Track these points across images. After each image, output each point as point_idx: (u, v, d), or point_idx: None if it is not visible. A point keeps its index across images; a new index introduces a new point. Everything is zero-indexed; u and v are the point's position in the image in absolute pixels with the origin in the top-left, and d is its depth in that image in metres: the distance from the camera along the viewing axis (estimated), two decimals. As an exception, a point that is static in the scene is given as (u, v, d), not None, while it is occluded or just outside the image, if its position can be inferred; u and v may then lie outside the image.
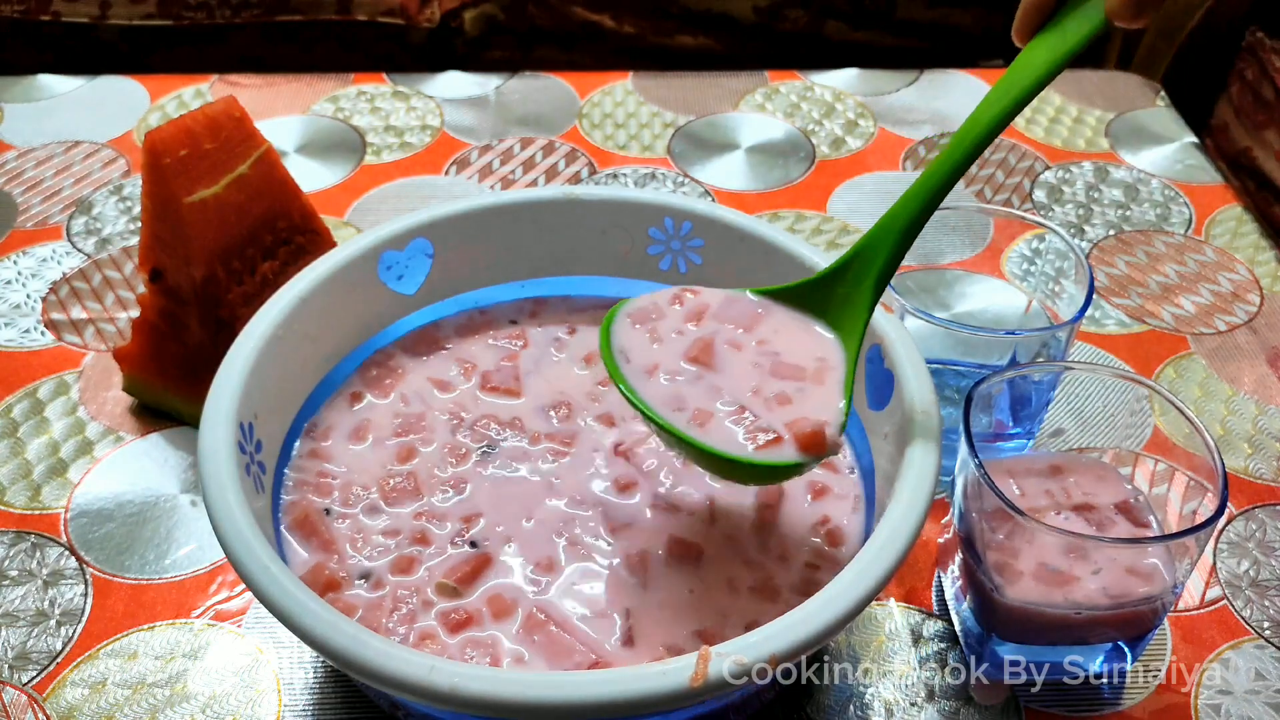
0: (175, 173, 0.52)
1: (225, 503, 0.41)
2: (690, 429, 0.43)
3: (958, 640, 0.50)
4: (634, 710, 0.36)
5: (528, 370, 0.54)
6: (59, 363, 0.62)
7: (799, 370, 0.44)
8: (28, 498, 0.55)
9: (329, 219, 0.66)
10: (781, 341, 0.45)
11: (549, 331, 0.56)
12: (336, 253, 0.51)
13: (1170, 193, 0.76)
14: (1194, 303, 0.68)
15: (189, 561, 0.53)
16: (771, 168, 0.78)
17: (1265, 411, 0.61)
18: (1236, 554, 0.54)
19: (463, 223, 0.54)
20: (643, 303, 0.47)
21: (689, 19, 1.11)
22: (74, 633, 0.50)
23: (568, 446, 0.50)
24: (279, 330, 0.47)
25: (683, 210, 0.54)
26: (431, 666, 0.36)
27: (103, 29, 1.03)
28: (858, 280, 0.44)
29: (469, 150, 0.79)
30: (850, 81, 0.87)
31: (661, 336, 0.46)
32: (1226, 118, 1.02)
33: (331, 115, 0.82)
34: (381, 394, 0.52)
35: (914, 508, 0.41)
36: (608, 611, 0.44)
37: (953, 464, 0.47)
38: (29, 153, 0.78)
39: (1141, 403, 0.48)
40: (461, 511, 0.48)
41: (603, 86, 0.85)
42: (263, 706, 0.47)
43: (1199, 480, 0.45)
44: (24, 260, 0.69)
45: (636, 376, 0.44)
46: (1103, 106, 0.84)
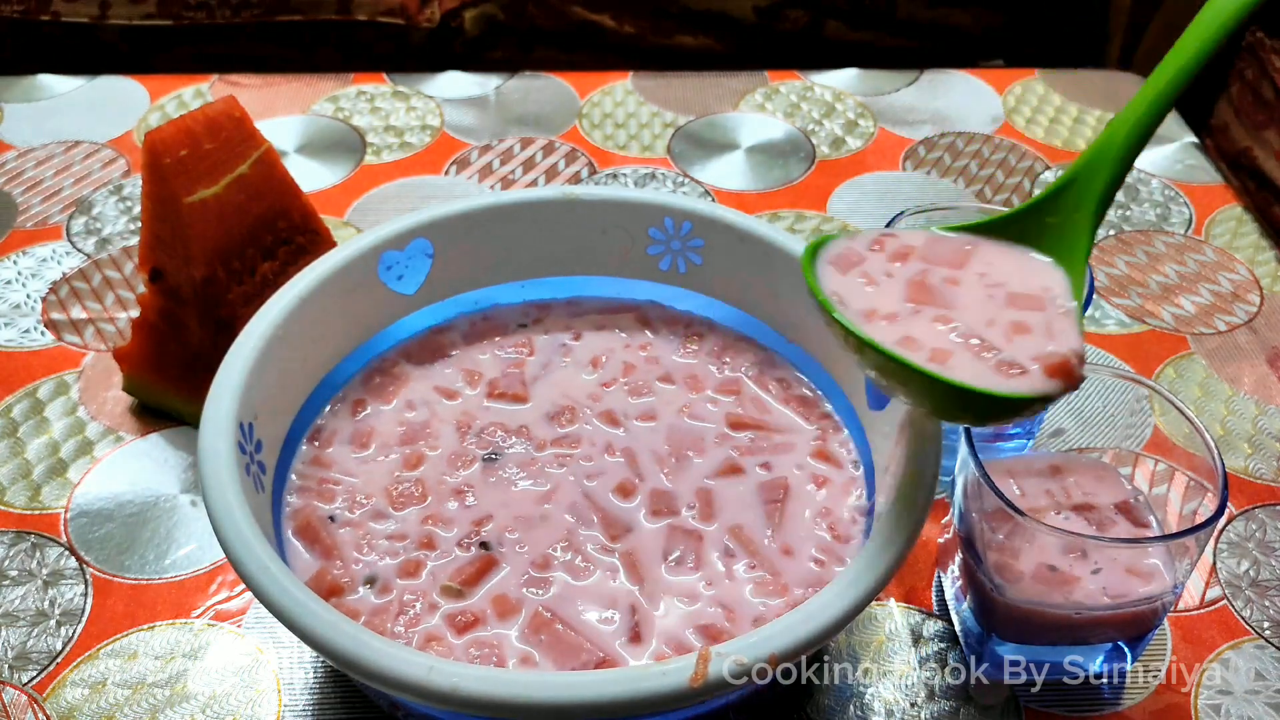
0: (175, 173, 0.52)
1: (225, 503, 0.41)
2: (932, 366, 0.39)
3: (958, 640, 0.50)
4: (634, 710, 0.36)
5: (534, 377, 0.54)
6: (59, 363, 0.62)
7: (1032, 299, 0.41)
8: (28, 498, 0.55)
9: (329, 219, 0.66)
10: (1001, 273, 0.43)
11: (555, 338, 0.55)
12: (336, 253, 0.51)
13: (1170, 193, 0.76)
14: (1194, 303, 0.68)
15: (189, 561, 0.53)
16: (771, 168, 0.78)
17: (1265, 411, 0.61)
18: (1236, 554, 0.54)
19: (463, 223, 0.54)
20: (839, 249, 0.44)
21: (689, 19, 1.11)
22: (74, 633, 0.50)
23: (574, 449, 0.50)
24: (279, 330, 0.47)
25: (683, 210, 0.54)
26: (431, 667, 0.36)
27: (103, 29, 1.03)
28: (1075, 207, 0.42)
29: (469, 150, 0.79)
30: (850, 81, 0.87)
31: (875, 279, 0.43)
32: (1226, 118, 1.02)
33: (331, 115, 0.82)
34: (385, 401, 0.52)
35: (914, 508, 0.41)
36: (612, 609, 0.44)
37: (953, 464, 0.47)
38: (29, 153, 0.78)
39: (1141, 403, 0.48)
40: (469, 516, 0.47)
41: (603, 86, 0.85)
42: (263, 706, 0.47)
43: (1199, 480, 0.45)
44: (24, 260, 0.69)
45: (856, 320, 0.42)
46: (1103, 106, 0.84)
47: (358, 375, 0.53)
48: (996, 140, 0.81)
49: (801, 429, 0.52)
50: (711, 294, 0.55)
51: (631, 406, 0.52)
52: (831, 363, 0.51)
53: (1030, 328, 0.40)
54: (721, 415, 0.52)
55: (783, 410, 0.52)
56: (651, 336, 0.56)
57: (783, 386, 0.53)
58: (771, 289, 0.53)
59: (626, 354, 0.55)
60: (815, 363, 0.52)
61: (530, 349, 0.55)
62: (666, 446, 0.50)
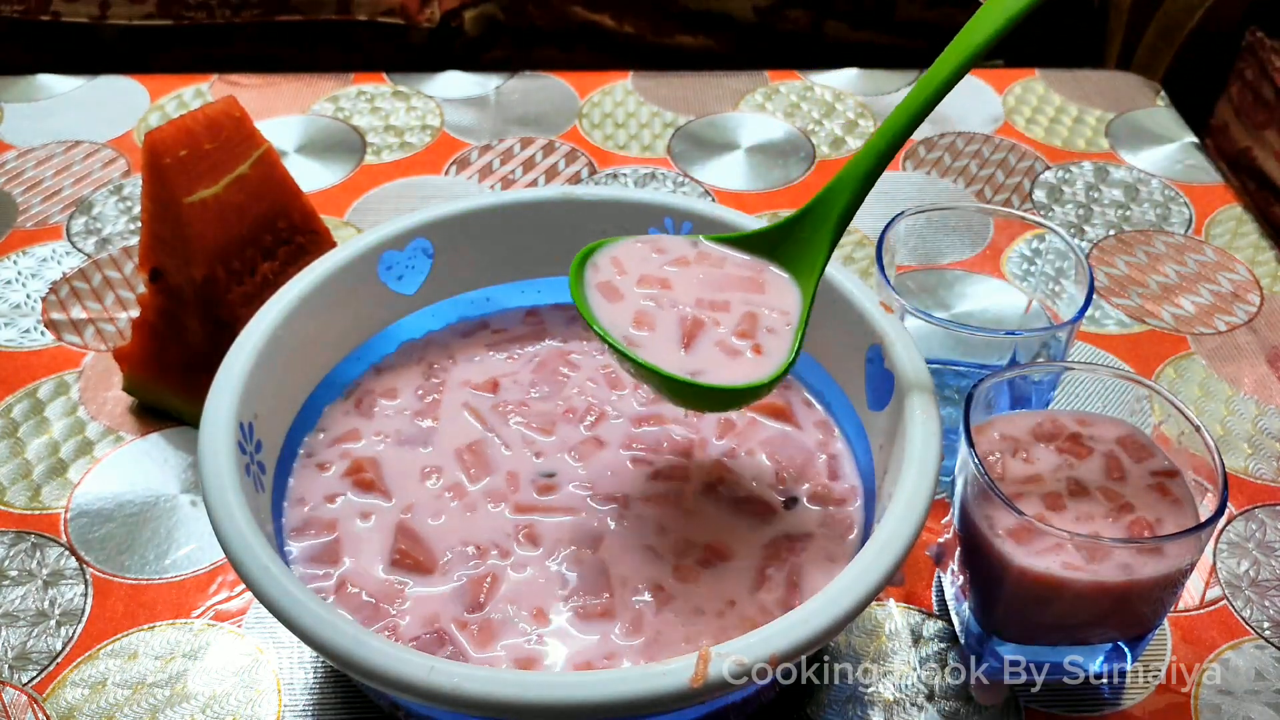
0: (175, 173, 0.52)
1: (225, 503, 0.41)
2: (640, 354, 0.44)
3: (958, 640, 0.50)
4: (634, 710, 0.36)
5: (534, 377, 0.54)
6: (59, 363, 0.62)
7: (756, 315, 0.45)
8: (28, 498, 0.55)
9: (329, 219, 0.66)
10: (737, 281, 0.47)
11: (555, 339, 0.55)
12: (336, 253, 0.51)
13: (1170, 193, 0.76)
14: (1194, 303, 0.68)
15: (189, 561, 0.53)
16: (771, 168, 0.78)
17: (1265, 411, 0.61)
18: (1236, 554, 0.54)
19: (463, 223, 0.54)
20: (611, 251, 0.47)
21: (689, 19, 1.11)
22: (74, 633, 0.50)
23: (574, 451, 0.50)
24: (279, 330, 0.47)
25: (683, 210, 0.54)
26: (431, 667, 0.36)
27: (103, 29, 1.03)
28: (818, 226, 0.46)
29: (469, 150, 0.79)
30: (850, 81, 0.87)
31: (629, 272, 0.47)
32: (1226, 118, 1.02)
33: (331, 115, 0.82)
34: (385, 401, 0.52)
35: (914, 508, 0.41)
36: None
37: (953, 464, 0.47)
38: (29, 153, 0.78)
39: (1141, 403, 0.48)
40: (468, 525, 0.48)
41: (603, 86, 0.85)
42: (263, 706, 0.47)
43: (1199, 480, 0.45)
44: (24, 260, 0.69)
45: (597, 303, 0.45)
46: (1103, 106, 0.84)
47: (358, 376, 0.53)
48: (996, 140, 0.81)
49: (801, 428, 0.52)
50: (711, 294, 0.55)
51: (632, 406, 0.52)
52: (831, 363, 0.51)
53: (753, 334, 0.45)
54: (721, 416, 0.52)
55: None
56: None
57: (782, 387, 0.53)
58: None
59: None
60: (815, 363, 0.52)
61: (531, 349, 0.55)
62: (666, 445, 0.50)
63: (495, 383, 0.53)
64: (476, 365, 0.54)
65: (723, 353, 0.44)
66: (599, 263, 0.46)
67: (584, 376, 0.54)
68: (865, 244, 0.71)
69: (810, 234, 0.46)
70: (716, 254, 0.48)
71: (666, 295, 0.46)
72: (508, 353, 0.55)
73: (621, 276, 0.46)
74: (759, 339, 0.45)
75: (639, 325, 0.45)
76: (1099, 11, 1.13)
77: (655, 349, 0.44)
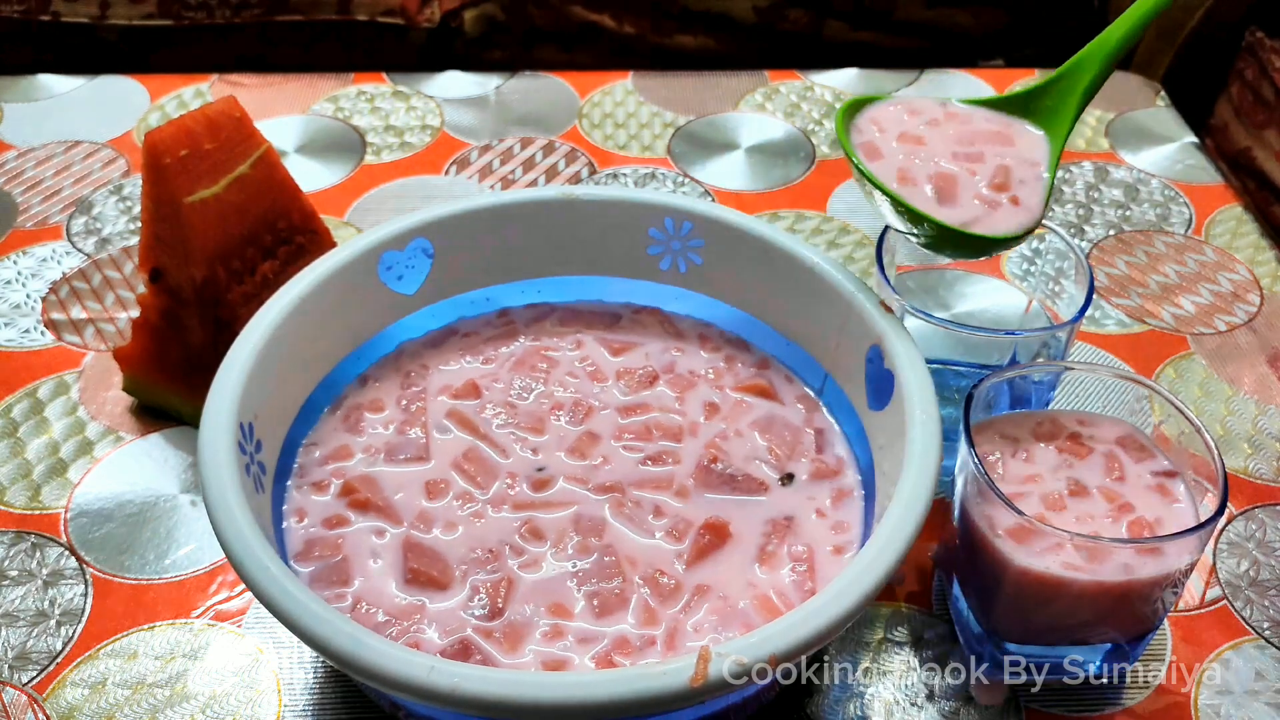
0: (175, 173, 0.52)
1: (225, 503, 0.41)
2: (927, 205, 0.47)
3: (958, 640, 0.50)
4: (634, 710, 0.36)
5: (534, 377, 0.53)
6: (59, 363, 0.62)
7: (1012, 167, 0.49)
8: (28, 498, 0.55)
9: (329, 219, 0.66)
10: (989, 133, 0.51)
11: (555, 339, 0.55)
12: (336, 253, 0.51)
13: (1170, 193, 0.76)
14: (1194, 303, 0.68)
15: (189, 561, 0.53)
16: (771, 168, 0.78)
17: (1265, 411, 0.61)
18: (1236, 554, 0.54)
19: (463, 223, 0.54)
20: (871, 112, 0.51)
21: (689, 19, 1.11)
22: (74, 633, 0.50)
23: (573, 450, 0.50)
24: (279, 330, 0.47)
25: (683, 210, 0.54)
26: (431, 667, 0.36)
27: (103, 29, 1.03)
28: (1063, 95, 0.50)
29: (469, 150, 0.79)
30: (850, 81, 0.87)
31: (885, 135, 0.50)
32: (1226, 118, 1.02)
33: (331, 115, 0.82)
34: (372, 419, 0.52)
35: (914, 508, 0.41)
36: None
37: (953, 464, 0.47)
38: (29, 153, 0.78)
39: (1141, 403, 0.48)
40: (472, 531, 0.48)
41: (603, 86, 0.85)
42: (263, 706, 0.47)
43: (1199, 480, 0.45)
44: (24, 260, 0.69)
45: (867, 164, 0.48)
46: (1103, 106, 0.84)
47: (358, 376, 0.53)
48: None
49: (783, 404, 0.52)
50: (712, 294, 0.55)
51: (615, 396, 0.52)
52: (830, 362, 0.51)
53: (1009, 185, 0.49)
54: (705, 400, 0.52)
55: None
56: (652, 336, 0.56)
57: (760, 365, 0.53)
58: (771, 289, 0.53)
59: (627, 355, 0.55)
60: (815, 363, 0.53)
61: (505, 350, 0.55)
62: (656, 433, 0.51)
63: (475, 386, 0.53)
64: (454, 371, 0.54)
65: (983, 204, 0.48)
66: (860, 124, 0.50)
67: (563, 372, 0.54)
68: (865, 244, 0.71)
69: (1055, 103, 0.50)
70: (964, 112, 0.51)
71: (923, 150, 0.49)
72: (483, 355, 0.55)
73: (881, 134, 0.50)
74: (1014, 190, 0.48)
75: (902, 181, 0.48)
76: (1099, 11, 1.13)
77: (919, 201, 0.47)
